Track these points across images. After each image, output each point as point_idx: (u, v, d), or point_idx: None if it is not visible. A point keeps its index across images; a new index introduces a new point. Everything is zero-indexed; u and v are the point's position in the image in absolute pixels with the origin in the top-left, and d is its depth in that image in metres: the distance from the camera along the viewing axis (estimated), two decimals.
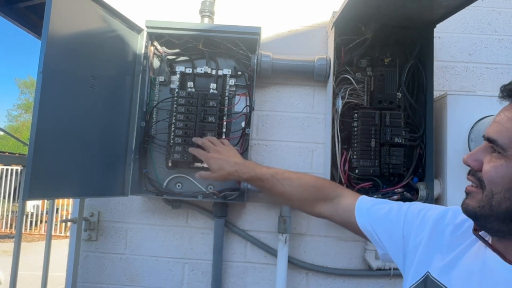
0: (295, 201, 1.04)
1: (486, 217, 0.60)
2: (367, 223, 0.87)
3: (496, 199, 0.58)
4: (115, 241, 1.47)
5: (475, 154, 0.63)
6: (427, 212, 0.80)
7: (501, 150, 0.58)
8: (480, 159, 0.62)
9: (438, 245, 0.72)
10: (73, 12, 1.09)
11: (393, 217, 0.83)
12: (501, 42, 1.52)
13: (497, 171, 0.58)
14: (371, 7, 1.25)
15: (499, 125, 0.60)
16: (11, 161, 3.09)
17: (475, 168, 0.63)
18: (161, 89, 1.44)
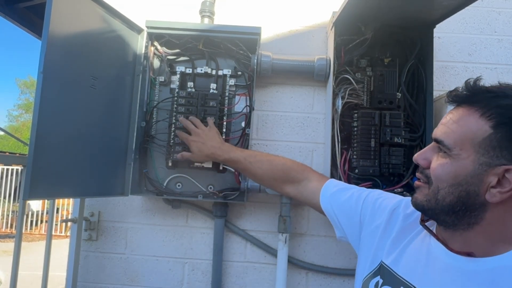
0: (265, 181, 1.15)
1: (433, 210, 0.67)
2: (329, 207, 0.96)
3: (441, 194, 0.65)
4: (115, 241, 1.48)
5: (424, 153, 0.70)
6: (383, 201, 0.87)
7: (447, 150, 0.64)
8: (429, 158, 0.68)
9: (391, 233, 0.79)
10: (73, 12, 1.09)
11: (352, 203, 0.91)
12: (501, 43, 1.52)
13: (443, 168, 0.64)
14: (371, 7, 1.25)
15: (445, 127, 0.66)
16: (12, 161, 3.09)
17: (424, 166, 0.69)
18: (161, 89, 1.44)
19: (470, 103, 0.64)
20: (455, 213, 0.65)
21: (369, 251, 0.82)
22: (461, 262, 0.65)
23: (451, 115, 0.66)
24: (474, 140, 0.61)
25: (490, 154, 0.60)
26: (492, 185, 0.60)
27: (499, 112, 0.60)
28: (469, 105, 0.64)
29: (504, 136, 0.59)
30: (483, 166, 0.61)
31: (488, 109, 0.61)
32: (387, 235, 0.80)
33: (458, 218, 0.65)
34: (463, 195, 0.63)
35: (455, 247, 0.67)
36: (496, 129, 0.60)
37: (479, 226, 0.64)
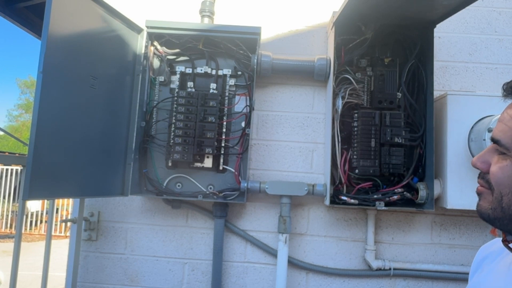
0: None
1: (500, 220, 0.59)
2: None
3: (505, 201, 0.57)
4: (115, 241, 1.47)
5: (483, 156, 0.62)
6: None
7: (505, 150, 0.57)
8: (488, 161, 0.61)
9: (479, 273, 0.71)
10: (73, 12, 1.09)
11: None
12: (501, 42, 1.52)
13: (503, 171, 0.57)
14: (371, 7, 1.25)
15: (502, 124, 0.59)
16: (11, 161, 3.09)
17: (484, 170, 0.62)
18: (161, 89, 1.44)
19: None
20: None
21: None
22: None
23: (509, 110, 0.59)
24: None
25: None
26: None
27: None
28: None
29: None
30: None
31: None
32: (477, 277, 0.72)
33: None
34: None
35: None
36: None
37: None
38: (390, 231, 1.45)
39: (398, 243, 1.45)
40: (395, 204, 1.32)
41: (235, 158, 1.41)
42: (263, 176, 1.47)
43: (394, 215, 1.45)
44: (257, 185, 1.37)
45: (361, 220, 1.45)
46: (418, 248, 1.45)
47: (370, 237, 1.41)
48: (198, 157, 1.38)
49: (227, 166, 1.41)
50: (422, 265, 1.42)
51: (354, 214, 1.46)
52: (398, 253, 1.44)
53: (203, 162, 1.39)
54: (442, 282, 1.42)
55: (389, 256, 1.44)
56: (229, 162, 1.42)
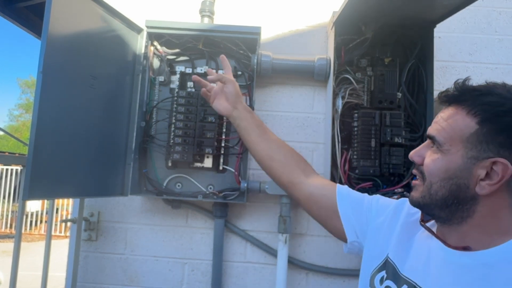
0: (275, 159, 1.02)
1: (428, 205, 0.70)
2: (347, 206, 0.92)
3: (434, 188, 0.68)
4: (115, 241, 1.47)
5: (419, 150, 0.74)
6: (386, 200, 0.91)
7: (438, 145, 0.68)
8: (423, 155, 0.72)
9: (395, 228, 0.81)
10: (73, 12, 1.09)
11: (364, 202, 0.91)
12: (501, 42, 1.52)
13: (434, 163, 0.68)
14: (371, 7, 1.25)
15: (437, 125, 0.70)
16: (11, 161, 3.09)
17: (418, 163, 0.73)
18: (161, 89, 1.44)
19: (458, 102, 0.68)
20: (448, 207, 0.67)
21: (375, 247, 0.84)
22: (457, 257, 0.67)
23: (442, 114, 0.71)
24: (463, 136, 0.65)
25: (478, 148, 0.63)
26: (481, 177, 0.63)
27: (483, 109, 0.64)
28: (457, 104, 0.69)
29: (489, 131, 0.63)
30: (472, 159, 0.64)
31: (474, 107, 0.65)
32: (391, 230, 0.82)
33: (451, 212, 0.68)
34: (454, 188, 0.66)
35: (452, 242, 0.69)
36: (481, 124, 0.63)
37: (472, 220, 0.66)
38: None
39: None
40: None
41: (235, 158, 1.41)
42: (263, 176, 1.47)
43: None
44: (257, 185, 1.37)
45: None
46: None
47: None
48: (198, 157, 1.37)
49: (227, 166, 1.41)
50: None
51: None
52: None
53: (203, 162, 1.39)
54: None
55: None
56: (229, 162, 1.42)
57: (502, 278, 0.61)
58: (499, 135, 0.62)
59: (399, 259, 0.76)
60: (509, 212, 0.65)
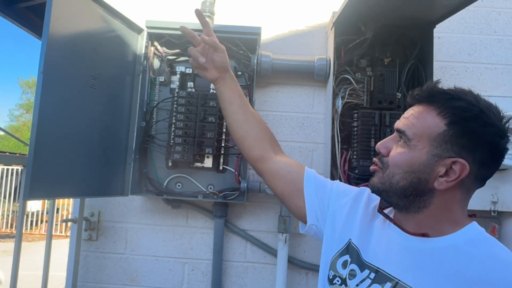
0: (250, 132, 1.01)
1: (387, 192, 0.75)
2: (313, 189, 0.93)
3: (395, 178, 0.73)
4: (115, 241, 1.48)
5: (386, 142, 0.78)
6: (348, 186, 0.94)
7: (406, 140, 0.72)
8: (389, 147, 0.76)
9: (357, 213, 0.85)
10: (73, 12, 1.09)
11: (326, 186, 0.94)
12: (501, 43, 1.52)
13: (400, 156, 0.73)
14: (371, 7, 1.25)
15: (407, 121, 0.74)
16: (12, 161, 3.10)
17: (385, 154, 0.77)
18: (161, 89, 1.44)
19: (429, 102, 0.72)
20: (406, 197, 0.73)
21: (335, 230, 0.86)
22: (416, 242, 0.73)
23: (412, 111, 0.75)
24: (431, 135, 0.70)
25: (442, 148, 0.69)
26: (440, 174, 0.69)
27: (453, 112, 0.69)
28: (428, 103, 0.72)
29: (455, 133, 0.68)
30: (435, 157, 0.69)
31: (444, 109, 0.70)
32: (353, 215, 0.85)
33: (409, 201, 0.73)
34: (415, 181, 0.71)
35: (409, 229, 0.74)
36: (449, 126, 0.68)
37: (427, 210, 0.73)
38: None
39: None
40: None
41: (235, 158, 1.41)
42: None
43: None
44: (257, 185, 1.37)
45: None
46: None
47: None
48: (198, 157, 1.38)
49: (227, 166, 1.41)
50: None
51: None
52: None
53: (203, 162, 1.39)
54: None
55: None
56: (229, 162, 1.42)
57: (456, 261, 0.68)
58: (463, 138, 0.68)
59: (362, 245, 0.80)
60: (459, 206, 0.72)
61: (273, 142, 1.03)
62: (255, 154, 1.01)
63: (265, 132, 1.03)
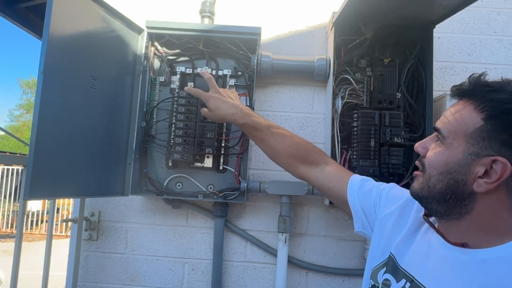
0: (282, 157, 1.05)
1: (426, 198, 0.70)
2: (356, 198, 0.93)
3: (432, 181, 0.68)
4: (115, 241, 1.48)
5: (424, 142, 0.73)
6: (397, 191, 0.89)
7: (442, 138, 0.68)
8: (427, 147, 0.72)
9: (404, 226, 0.79)
10: (73, 13, 1.09)
11: (372, 192, 0.92)
12: (500, 43, 1.52)
13: (435, 156, 0.68)
14: (371, 7, 1.25)
15: (444, 118, 0.69)
16: (12, 161, 3.10)
17: (422, 154, 0.72)
18: (161, 89, 1.44)
19: (469, 97, 0.67)
20: (446, 202, 0.67)
21: (380, 240, 0.82)
22: (456, 252, 0.67)
23: (451, 108, 0.70)
24: (466, 131, 0.64)
25: (479, 145, 0.62)
26: (479, 175, 0.62)
27: (491, 105, 0.62)
28: (467, 98, 0.67)
29: (493, 128, 0.61)
30: (472, 156, 0.63)
31: (481, 102, 0.64)
32: (400, 227, 0.80)
33: (449, 207, 0.67)
34: (452, 183, 0.65)
35: (451, 238, 0.68)
36: (486, 121, 0.62)
37: (470, 216, 0.65)
38: None
39: None
40: None
41: (235, 158, 1.41)
42: (263, 176, 1.48)
43: None
44: (257, 185, 1.37)
45: None
46: None
47: None
48: (198, 157, 1.38)
49: (227, 166, 1.41)
50: None
51: None
52: None
53: (203, 162, 1.39)
54: None
55: None
56: (229, 162, 1.42)
57: (497, 277, 0.61)
58: (503, 133, 0.60)
59: (400, 251, 0.76)
60: (509, 214, 0.63)
61: (308, 156, 1.03)
62: (295, 173, 1.06)
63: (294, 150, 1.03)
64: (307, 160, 1.03)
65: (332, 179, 0.99)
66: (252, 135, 1.08)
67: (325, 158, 1.04)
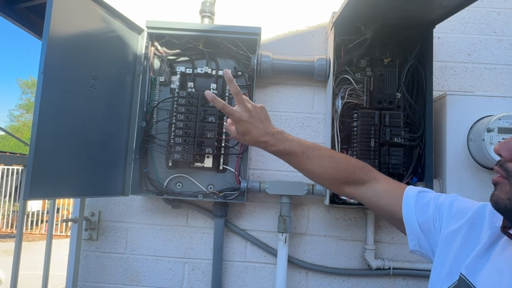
0: (324, 180, 0.95)
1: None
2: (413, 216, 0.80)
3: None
4: (115, 241, 1.48)
5: (508, 143, 0.59)
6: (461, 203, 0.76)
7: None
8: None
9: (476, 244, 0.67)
10: (73, 13, 1.09)
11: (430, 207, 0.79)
12: (500, 43, 1.52)
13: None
14: (370, 7, 1.25)
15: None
16: (12, 161, 3.10)
17: (507, 158, 0.59)
18: (161, 89, 1.44)
19: None
20: None
21: (445, 259, 0.71)
22: None
23: None
24: None
25: None
26: None
27: None
28: None
29: None
30: None
31: None
32: (471, 244, 0.68)
33: None
34: None
35: None
36: None
37: None
38: (390, 230, 1.45)
39: (398, 243, 1.45)
40: None
41: (235, 158, 1.41)
42: (263, 176, 1.48)
43: None
44: (257, 185, 1.37)
45: (360, 219, 1.46)
46: None
47: (370, 237, 1.42)
48: (198, 157, 1.38)
49: (227, 166, 1.41)
50: (421, 264, 1.42)
51: (353, 213, 1.46)
52: (397, 252, 1.45)
53: (203, 162, 1.39)
54: None
55: (389, 255, 1.45)
56: (229, 162, 1.42)
57: None
58: None
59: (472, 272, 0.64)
60: None
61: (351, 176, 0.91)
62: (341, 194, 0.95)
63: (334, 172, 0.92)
64: (351, 179, 0.92)
65: (381, 197, 0.88)
66: (287, 160, 0.96)
67: (371, 174, 0.92)
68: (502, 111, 1.19)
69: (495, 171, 0.61)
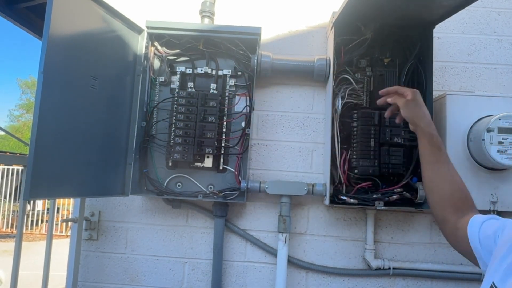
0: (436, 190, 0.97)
1: None
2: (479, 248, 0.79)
3: None
4: (115, 241, 1.48)
5: None
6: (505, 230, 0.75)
7: None
8: None
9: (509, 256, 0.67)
10: (73, 13, 1.10)
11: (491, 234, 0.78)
12: (500, 43, 1.52)
13: None
14: (370, 7, 1.25)
15: None
16: (12, 161, 3.10)
17: None
18: (161, 89, 1.44)
19: None
20: None
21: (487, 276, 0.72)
22: None
23: None
24: None
25: None
26: None
27: None
28: None
29: None
30: None
31: None
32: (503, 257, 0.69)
33: None
34: None
35: None
36: None
37: None
38: (390, 230, 1.46)
39: (398, 243, 1.45)
40: (395, 203, 1.32)
41: (235, 158, 1.41)
42: (263, 176, 1.48)
43: (393, 215, 1.46)
44: (257, 185, 1.37)
45: (360, 219, 1.46)
46: (417, 248, 1.45)
47: (370, 237, 1.42)
48: (198, 157, 1.38)
49: (227, 166, 1.41)
50: (421, 264, 1.42)
51: (353, 213, 1.46)
52: (397, 252, 1.45)
53: (203, 162, 1.39)
54: (441, 281, 1.43)
55: (389, 255, 1.45)
56: (229, 162, 1.42)
57: None
58: None
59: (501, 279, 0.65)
60: None
61: (462, 205, 0.91)
62: (437, 213, 0.95)
63: (453, 195, 0.93)
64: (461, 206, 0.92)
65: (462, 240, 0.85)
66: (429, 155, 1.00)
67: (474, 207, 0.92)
68: (502, 111, 1.19)
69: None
